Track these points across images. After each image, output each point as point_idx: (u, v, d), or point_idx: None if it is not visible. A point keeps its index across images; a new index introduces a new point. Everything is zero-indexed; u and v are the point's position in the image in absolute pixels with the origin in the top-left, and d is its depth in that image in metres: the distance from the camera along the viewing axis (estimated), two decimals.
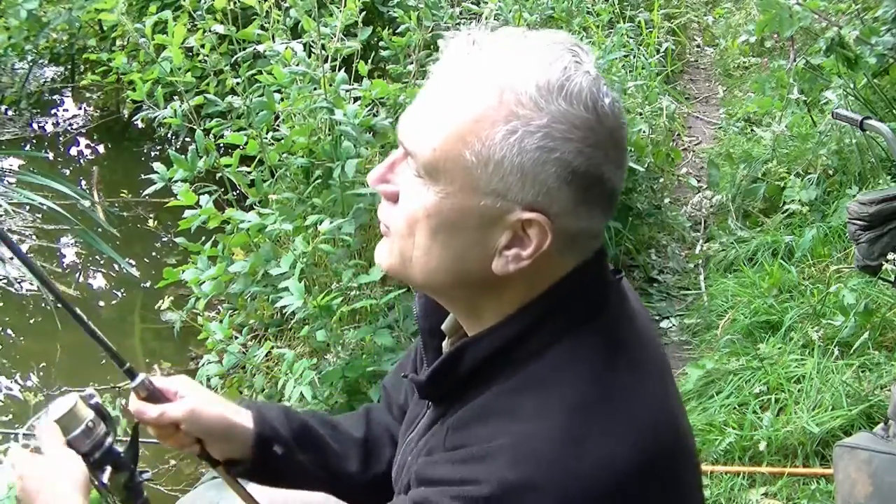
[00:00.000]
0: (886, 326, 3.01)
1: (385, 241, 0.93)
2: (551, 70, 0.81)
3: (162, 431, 1.13)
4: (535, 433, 0.81)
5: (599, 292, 0.91)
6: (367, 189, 2.85)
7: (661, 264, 4.27)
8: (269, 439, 1.15)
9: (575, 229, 0.85)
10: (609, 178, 0.84)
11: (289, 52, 2.97)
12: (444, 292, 0.92)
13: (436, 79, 0.87)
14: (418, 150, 0.85)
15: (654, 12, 5.61)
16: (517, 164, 0.81)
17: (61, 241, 4.86)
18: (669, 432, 0.90)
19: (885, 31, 3.98)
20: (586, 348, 0.87)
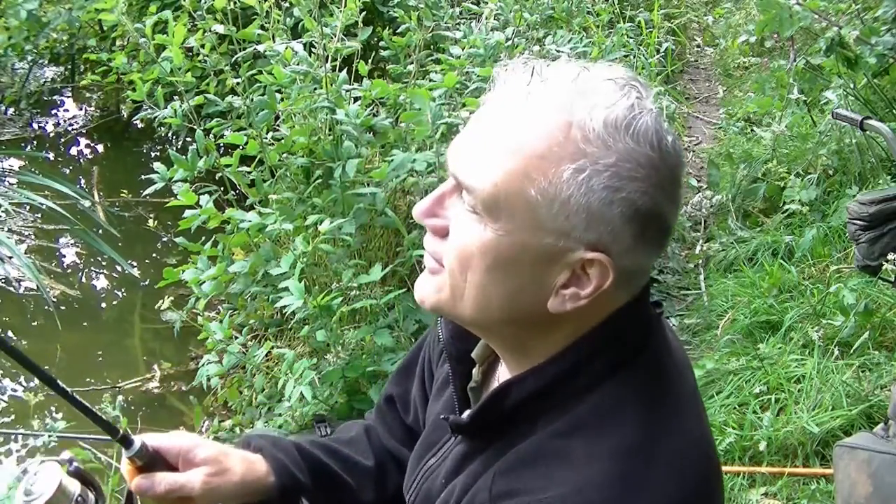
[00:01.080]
0: (886, 326, 3.01)
1: (429, 276, 0.89)
2: (618, 107, 0.79)
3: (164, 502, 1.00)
4: (589, 481, 0.80)
5: (643, 330, 0.90)
6: (368, 189, 2.86)
7: (660, 264, 4.27)
8: (292, 490, 1.09)
9: (633, 267, 0.84)
10: (667, 216, 0.83)
11: (289, 52, 2.97)
12: (492, 330, 0.89)
13: (493, 109, 0.83)
14: (477, 184, 0.81)
15: (654, 12, 5.62)
16: (584, 203, 0.78)
17: (61, 241, 4.86)
18: (708, 464, 0.90)
19: (885, 31, 3.98)
20: (631, 389, 0.86)
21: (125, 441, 0.97)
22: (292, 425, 2.79)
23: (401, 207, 3.13)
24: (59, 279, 4.45)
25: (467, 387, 1.02)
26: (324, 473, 1.13)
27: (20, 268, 4.19)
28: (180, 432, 1.06)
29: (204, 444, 1.03)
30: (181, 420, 3.46)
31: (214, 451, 1.03)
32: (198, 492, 0.99)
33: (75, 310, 4.24)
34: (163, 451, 1.01)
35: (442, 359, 1.11)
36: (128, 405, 3.44)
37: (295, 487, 1.09)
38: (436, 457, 1.03)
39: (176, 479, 0.99)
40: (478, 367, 1.01)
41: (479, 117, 0.84)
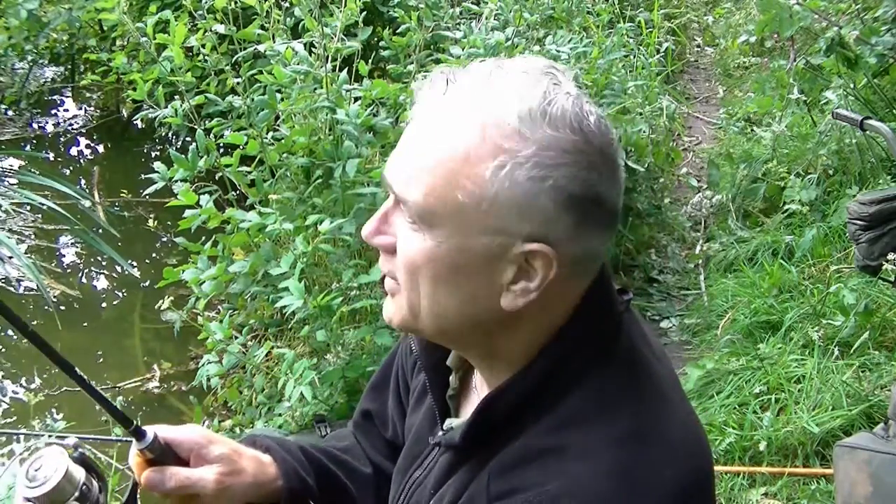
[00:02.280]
0: (886, 326, 3.01)
1: (390, 298, 0.90)
2: (530, 97, 0.79)
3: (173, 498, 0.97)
4: (587, 471, 0.80)
5: (612, 321, 0.90)
6: (368, 189, 2.86)
7: (661, 264, 4.28)
8: (300, 494, 1.06)
9: (578, 253, 0.83)
10: (606, 197, 0.82)
11: (289, 51, 2.97)
12: (458, 339, 0.90)
13: (416, 122, 0.84)
14: (409, 197, 0.82)
15: (654, 12, 5.61)
16: (510, 197, 0.79)
17: (61, 241, 4.87)
18: (699, 445, 0.91)
19: (885, 31, 3.98)
20: (613, 379, 0.86)
21: (137, 432, 0.93)
22: (292, 425, 2.79)
23: None
24: (59, 279, 4.45)
25: (446, 395, 1.02)
26: (329, 478, 1.11)
27: (20, 268, 4.19)
28: (193, 426, 1.00)
29: (218, 441, 1.00)
30: (181, 420, 3.46)
31: (228, 450, 1.00)
32: (210, 491, 0.95)
33: (75, 310, 4.24)
34: (174, 444, 0.97)
35: (416, 368, 1.10)
36: (128, 405, 3.45)
37: (302, 491, 1.06)
38: (421, 468, 1.02)
39: (189, 476, 0.95)
40: (454, 375, 1.01)
41: (407, 132, 0.85)
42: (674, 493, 0.82)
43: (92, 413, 3.22)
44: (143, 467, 0.95)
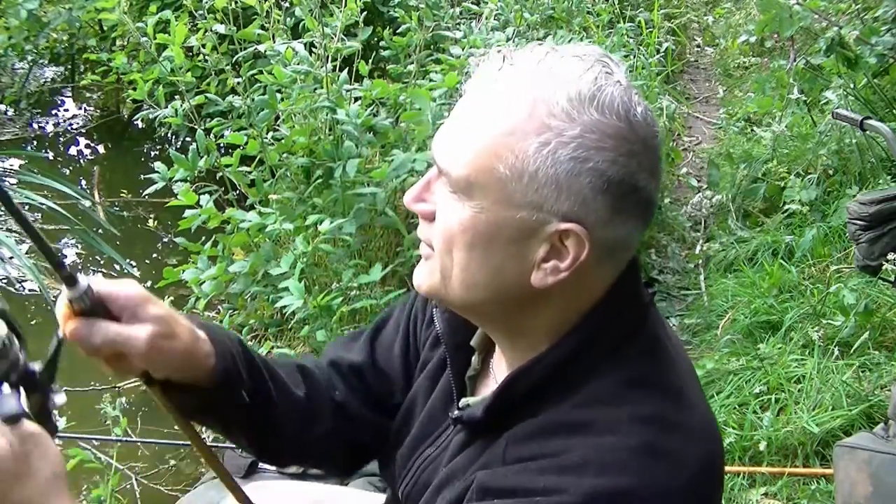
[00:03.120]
0: (886, 326, 3.01)
1: (423, 263, 0.92)
2: (582, 81, 0.81)
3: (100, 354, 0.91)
4: (616, 445, 0.82)
5: (640, 311, 0.92)
6: (368, 189, 2.86)
7: (661, 264, 4.27)
8: (233, 379, 0.98)
9: (612, 239, 0.85)
10: (644, 186, 0.84)
11: (290, 51, 2.97)
12: (484, 311, 0.91)
13: (467, 96, 0.87)
14: (451, 167, 0.85)
15: (654, 12, 5.62)
16: (551, 175, 0.81)
17: (61, 241, 4.86)
18: (714, 433, 0.93)
19: (885, 31, 3.98)
20: (637, 367, 0.88)
21: (70, 280, 0.87)
22: None
23: (401, 207, 3.13)
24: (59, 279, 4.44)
25: (465, 376, 1.03)
26: (259, 379, 1.03)
27: (21, 268, 4.19)
28: (131, 282, 0.93)
29: (156, 302, 0.93)
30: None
31: (165, 312, 0.92)
32: (140, 350, 0.88)
33: None
34: (109, 299, 0.89)
35: (430, 343, 1.10)
36: (128, 405, 3.44)
37: (235, 379, 0.98)
38: (434, 446, 1.02)
39: (119, 332, 0.88)
40: (477, 355, 1.02)
41: (457, 106, 0.88)
42: (694, 473, 0.84)
43: (92, 413, 3.22)
44: (69, 318, 0.89)
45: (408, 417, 1.10)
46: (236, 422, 1.03)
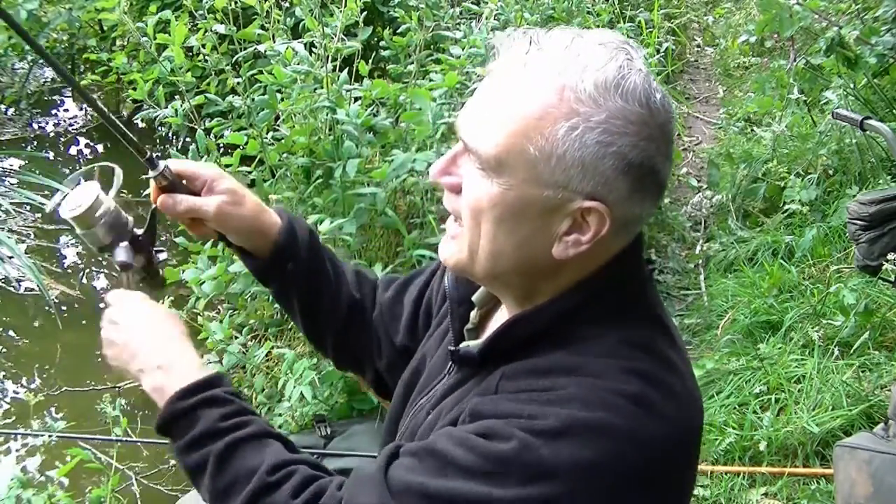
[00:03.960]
0: (886, 326, 3.01)
1: (451, 239, 0.97)
2: (607, 69, 0.86)
3: (184, 220, 1.15)
4: (602, 386, 0.87)
5: (640, 278, 0.99)
6: (368, 189, 2.86)
7: (661, 264, 4.27)
8: (286, 252, 1.19)
9: (629, 216, 0.91)
10: (660, 168, 0.90)
11: (290, 51, 2.97)
12: (505, 280, 0.96)
13: (495, 77, 0.91)
14: (481, 145, 0.89)
15: (654, 12, 5.62)
16: (578, 157, 0.86)
17: (61, 241, 4.86)
18: (698, 408, 0.98)
19: (885, 31, 3.98)
20: (633, 328, 0.93)
21: (151, 162, 1.09)
22: (292, 425, 2.79)
23: (401, 207, 3.13)
24: (59, 279, 4.44)
25: (464, 328, 1.09)
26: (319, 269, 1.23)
27: (21, 268, 4.19)
28: (206, 163, 1.21)
29: (227, 178, 1.15)
30: None
31: (235, 185, 1.15)
32: (211, 215, 1.12)
33: (75, 310, 4.24)
34: (187, 177, 1.13)
35: (439, 300, 1.19)
36: (128, 406, 3.44)
37: (290, 252, 1.18)
38: (426, 396, 1.07)
39: (195, 202, 1.12)
40: (476, 311, 1.08)
41: (484, 85, 0.92)
42: (671, 432, 0.89)
43: (92, 413, 3.22)
44: (157, 194, 1.13)
45: (415, 374, 1.16)
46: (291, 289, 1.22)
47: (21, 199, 4.61)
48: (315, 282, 1.24)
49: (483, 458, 0.85)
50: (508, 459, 0.84)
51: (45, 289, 4.01)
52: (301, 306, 1.25)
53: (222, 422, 0.99)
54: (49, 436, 2.74)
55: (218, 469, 0.96)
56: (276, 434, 1.02)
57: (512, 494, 0.83)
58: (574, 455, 0.83)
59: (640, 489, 0.87)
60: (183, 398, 1.01)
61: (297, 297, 1.24)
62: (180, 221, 1.16)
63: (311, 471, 0.97)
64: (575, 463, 0.83)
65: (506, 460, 0.84)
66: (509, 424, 0.86)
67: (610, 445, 0.84)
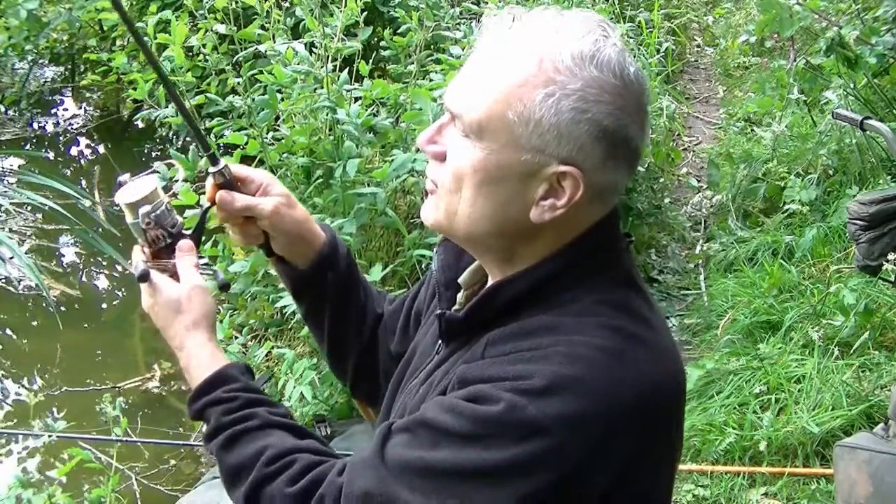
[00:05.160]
0: (886, 326, 3.01)
1: (431, 199, 1.02)
2: (584, 42, 0.92)
3: (234, 219, 1.16)
4: (582, 342, 0.91)
5: (618, 247, 1.02)
6: (368, 189, 2.86)
7: (661, 264, 4.28)
8: (328, 263, 1.23)
9: (603, 183, 0.95)
10: (633, 137, 0.95)
11: (290, 51, 2.97)
12: (484, 243, 1.01)
13: (480, 50, 0.98)
14: (466, 112, 0.95)
15: (654, 12, 5.62)
16: (554, 123, 0.91)
17: (62, 241, 4.87)
18: (678, 362, 1.02)
19: (885, 31, 3.98)
20: (611, 292, 0.97)
21: (213, 158, 1.13)
22: None
23: (401, 207, 3.14)
24: (59, 279, 4.45)
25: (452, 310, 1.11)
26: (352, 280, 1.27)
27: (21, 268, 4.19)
28: (262, 170, 1.19)
29: (279, 183, 1.20)
30: (181, 420, 3.46)
31: (287, 191, 1.20)
32: (267, 213, 1.14)
33: (75, 310, 4.24)
34: (242, 179, 1.16)
35: (429, 297, 1.22)
36: (128, 405, 3.44)
37: (332, 263, 1.23)
38: (416, 378, 1.10)
39: (252, 199, 1.15)
40: (463, 292, 1.11)
41: (470, 59, 0.98)
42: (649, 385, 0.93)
43: (92, 413, 3.23)
44: (214, 190, 1.14)
45: (406, 364, 1.18)
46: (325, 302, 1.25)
47: (21, 199, 4.61)
48: (348, 296, 1.27)
49: (473, 422, 0.89)
50: (498, 421, 0.88)
51: (45, 289, 4.01)
52: (332, 322, 1.28)
53: (224, 416, 1.04)
54: (49, 436, 2.74)
55: (223, 462, 1.02)
56: (280, 423, 1.04)
57: (507, 455, 0.87)
58: (560, 410, 0.87)
59: (626, 437, 0.91)
60: (194, 400, 1.07)
61: (330, 311, 1.27)
62: (229, 224, 1.17)
63: (314, 457, 0.99)
64: (561, 417, 0.87)
65: (496, 422, 0.88)
66: (496, 387, 0.89)
67: (593, 398, 0.88)
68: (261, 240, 1.19)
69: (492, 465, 0.88)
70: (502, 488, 0.88)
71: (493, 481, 0.88)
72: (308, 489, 0.95)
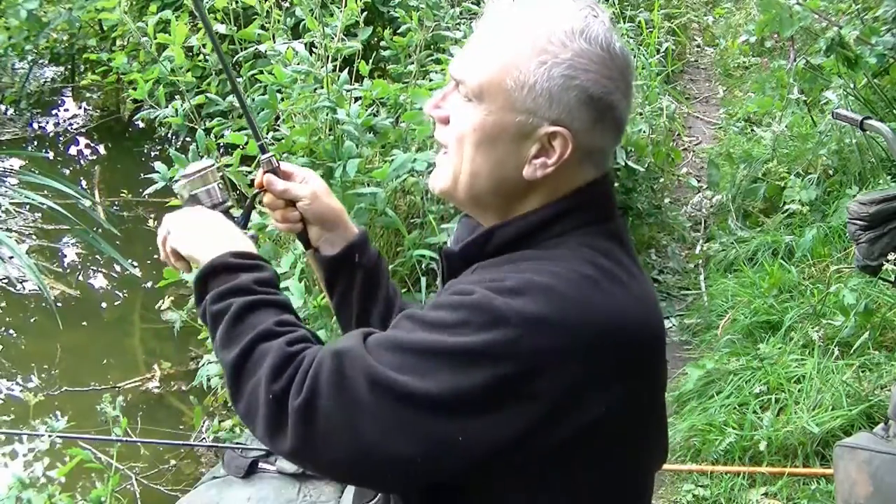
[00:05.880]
0: (886, 326, 3.01)
1: (438, 166, 1.12)
2: (575, 18, 1.03)
3: (278, 204, 1.30)
4: (563, 265, 1.00)
5: (610, 204, 1.11)
6: (368, 189, 2.86)
7: (661, 264, 4.28)
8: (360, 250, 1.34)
9: (591, 145, 1.05)
10: (618, 105, 1.05)
11: (290, 51, 2.97)
12: (483, 200, 1.10)
13: (482, 26, 1.09)
14: (469, 78, 1.05)
15: (654, 12, 5.61)
16: (546, 87, 1.02)
17: (62, 241, 4.87)
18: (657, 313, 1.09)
19: (885, 31, 3.98)
20: (599, 238, 1.06)
21: (262, 149, 1.29)
22: None
23: (401, 207, 3.14)
24: (59, 279, 4.45)
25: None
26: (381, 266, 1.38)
27: (21, 267, 4.19)
28: (307, 169, 1.34)
29: (318, 176, 1.34)
30: (181, 420, 3.46)
31: (324, 183, 1.33)
32: (307, 194, 1.29)
33: (76, 310, 4.24)
34: (288, 173, 1.30)
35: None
36: (128, 405, 3.44)
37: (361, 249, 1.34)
38: None
39: (294, 184, 1.29)
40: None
41: (474, 33, 1.10)
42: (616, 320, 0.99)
43: (92, 413, 3.22)
44: (262, 177, 1.29)
45: None
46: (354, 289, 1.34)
47: (21, 199, 4.62)
48: (377, 283, 1.37)
49: (450, 309, 0.98)
50: (469, 307, 0.97)
51: (45, 288, 4.01)
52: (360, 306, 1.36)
53: (256, 285, 1.10)
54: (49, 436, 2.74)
55: (235, 318, 1.07)
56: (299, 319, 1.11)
57: (469, 340, 0.95)
58: (524, 307, 0.95)
59: (584, 358, 0.96)
60: (235, 257, 1.14)
61: (358, 296, 1.35)
62: (271, 211, 1.32)
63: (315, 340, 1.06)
64: (523, 313, 0.95)
65: (466, 308, 0.97)
66: (475, 284, 1.00)
67: (559, 307, 0.96)
68: (300, 227, 1.32)
69: (456, 347, 0.95)
70: (464, 371, 0.94)
71: (455, 362, 0.95)
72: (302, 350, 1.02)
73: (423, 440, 0.95)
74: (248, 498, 2.65)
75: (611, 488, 1.05)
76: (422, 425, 0.94)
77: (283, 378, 0.98)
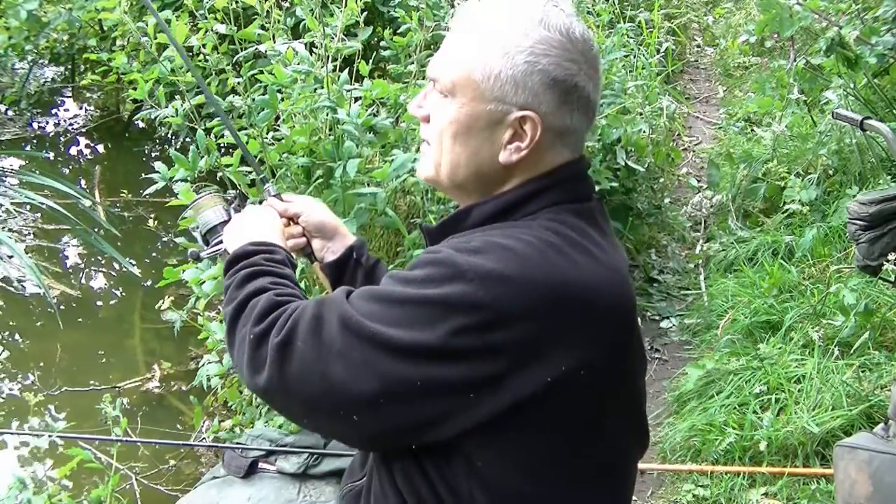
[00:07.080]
0: (886, 326, 3.01)
1: (422, 157, 1.21)
2: (534, 9, 1.10)
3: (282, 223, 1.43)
4: (521, 236, 1.06)
5: (586, 185, 1.18)
6: (368, 189, 2.86)
7: (661, 264, 4.28)
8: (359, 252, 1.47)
9: (560, 126, 1.12)
10: (583, 86, 1.11)
11: (290, 51, 2.97)
12: (465, 186, 1.17)
13: (453, 27, 1.18)
14: (442, 76, 1.14)
15: (654, 12, 5.61)
16: (510, 75, 1.09)
17: (62, 241, 4.87)
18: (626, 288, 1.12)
19: (885, 31, 3.98)
20: (569, 215, 1.11)
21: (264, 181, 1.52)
22: (292, 425, 2.79)
23: (401, 207, 3.13)
24: (59, 279, 4.45)
25: None
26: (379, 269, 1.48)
27: (21, 268, 4.19)
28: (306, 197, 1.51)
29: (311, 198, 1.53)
30: (181, 420, 3.46)
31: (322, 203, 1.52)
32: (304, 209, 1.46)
33: (75, 309, 4.24)
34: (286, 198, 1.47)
35: None
36: (128, 405, 3.44)
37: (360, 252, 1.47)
38: None
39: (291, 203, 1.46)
40: None
41: (447, 37, 1.18)
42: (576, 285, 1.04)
43: (92, 413, 3.22)
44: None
45: None
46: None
47: (21, 199, 4.62)
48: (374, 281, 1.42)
49: (420, 266, 1.06)
50: (434, 263, 1.04)
51: (45, 288, 4.01)
52: None
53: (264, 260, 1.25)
54: (49, 436, 2.74)
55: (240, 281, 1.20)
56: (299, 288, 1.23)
57: (433, 292, 1.02)
58: (483, 263, 1.01)
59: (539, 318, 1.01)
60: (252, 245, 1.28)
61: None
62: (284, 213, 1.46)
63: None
64: (482, 269, 1.01)
65: (433, 264, 1.04)
66: (444, 246, 1.09)
67: (519, 266, 1.02)
68: (303, 241, 1.46)
69: (419, 298, 1.02)
70: (426, 320, 1.01)
71: (419, 312, 1.02)
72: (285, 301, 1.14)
73: (384, 379, 1.01)
74: (248, 498, 2.65)
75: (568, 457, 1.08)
76: (383, 366, 1.01)
77: (267, 321, 1.10)
